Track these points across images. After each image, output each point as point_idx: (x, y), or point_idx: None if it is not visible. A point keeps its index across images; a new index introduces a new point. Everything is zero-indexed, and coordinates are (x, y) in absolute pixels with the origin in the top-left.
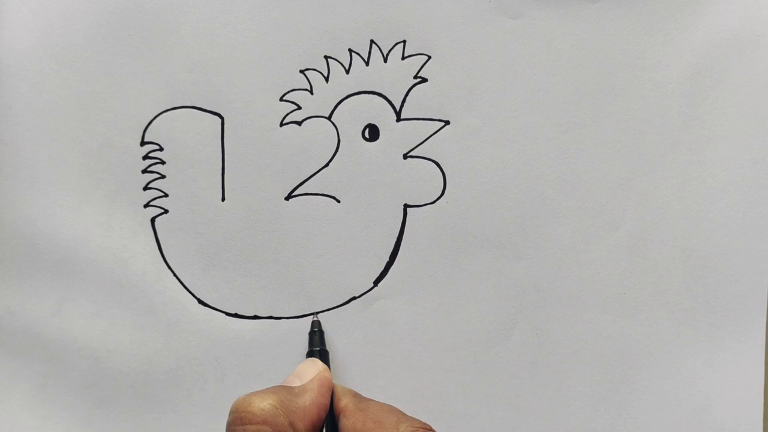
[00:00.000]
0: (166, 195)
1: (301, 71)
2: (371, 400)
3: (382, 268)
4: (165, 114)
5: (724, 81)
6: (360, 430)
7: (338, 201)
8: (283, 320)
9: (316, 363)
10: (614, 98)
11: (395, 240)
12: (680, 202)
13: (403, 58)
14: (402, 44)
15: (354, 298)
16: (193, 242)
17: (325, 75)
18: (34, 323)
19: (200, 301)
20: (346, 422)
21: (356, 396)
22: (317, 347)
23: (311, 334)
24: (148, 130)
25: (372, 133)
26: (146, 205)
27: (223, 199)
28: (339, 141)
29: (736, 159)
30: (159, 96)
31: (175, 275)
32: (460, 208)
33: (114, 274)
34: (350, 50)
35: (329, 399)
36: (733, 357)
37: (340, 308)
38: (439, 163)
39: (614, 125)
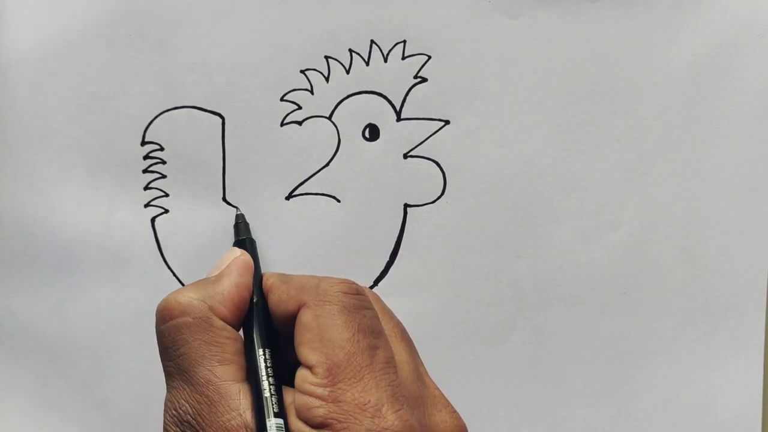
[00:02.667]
0: (166, 195)
1: (302, 71)
2: (296, 275)
3: (382, 268)
4: (165, 114)
5: (724, 81)
6: (285, 299)
7: (338, 201)
8: None
9: (234, 250)
10: (614, 98)
11: (395, 240)
12: (680, 202)
13: (403, 58)
14: (402, 44)
15: None
16: (193, 242)
17: (326, 75)
18: (34, 323)
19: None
20: (273, 297)
21: (282, 274)
22: (242, 236)
23: (235, 226)
24: (148, 130)
25: (372, 132)
26: (146, 205)
27: (224, 198)
28: (339, 141)
29: (736, 159)
30: (159, 96)
31: (175, 275)
32: (460, 208)
33: (114, 274)
34: (350, 50)
35: (250, 279)
36: (732, 357)
37: None
38: (439, 162)
39: (614, 125)
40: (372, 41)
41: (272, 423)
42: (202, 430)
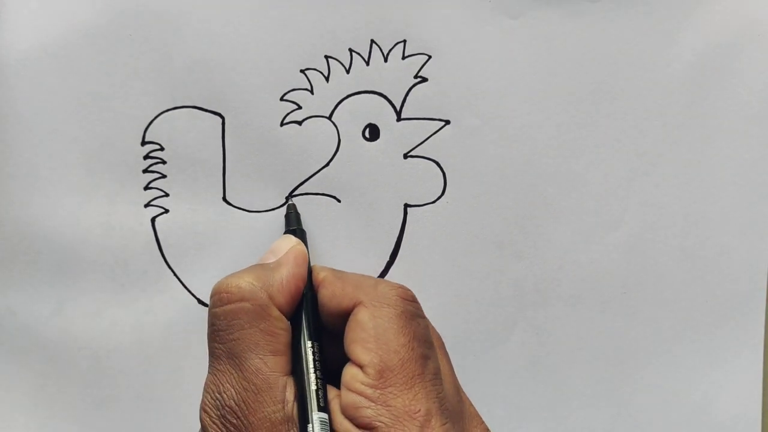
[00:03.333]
0: (166, 195)
1: (302, 71)
2: (350, 272)
3: (382, 268)
4: (165, 114)
5: (724, 81)
6: (339, 295)
7: (338, 201)
8: None
9: (290, 238)
10: (614, 98)
11: (395, 240)
12: (680, 202)
13: (404, 57)
14: (402, 44)
15: None
16: (193, 242)
17: (326, 75)
18: (34, 323)
19: (200, 301)
20: (325, 292)
21: (334, 270)
22: (293, 227)
23: (287, 216)
24: (148, 130)
25: (372, 132)
26: (146, 205)
27: (224, 198)
28: (339, 141)
29: (736, 159)
30: (159, 96)
31: (175, 275)
32: (460, 208)
33: (114, 274)
34: (350, 50)
35: (306, 270)
36: (732, 357)
37: None
38: (440, 162)
39: (614, 125)
40: (372, 41)
41: (317, 417)
42: (245, 418)
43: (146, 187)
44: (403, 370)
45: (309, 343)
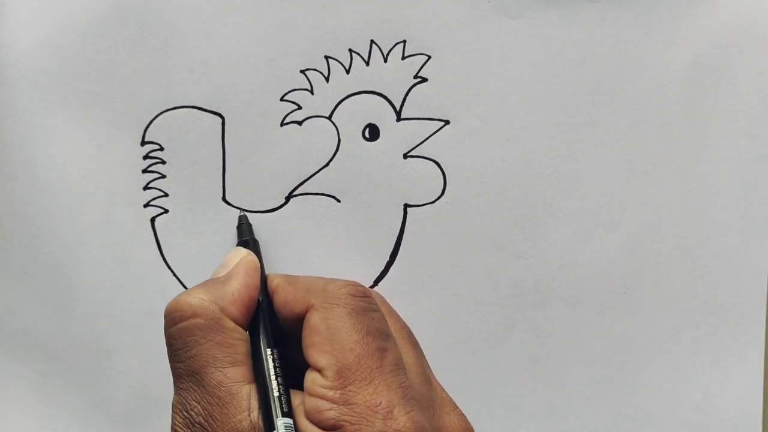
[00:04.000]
0: (166, 195)
1: (302, 71)
2: (301, 276)
3: (382, 268)
4: (165, 114)
5: (724, 81)
6: (291, 300)
7: (338, 201)
8: None
9: (240, 250)
10: (614, 98)
11: (395, 240)
12: (680, 202)
13: (403, 58)
14: (402, 44)
15: None
16: (193, 242)
17: (326, 75)
18: (34, 323)
19: None
20: (278, 298)
21: (287, 275)
22: (245, 237)
23: (238, 227)
24: (148, 130)
25: (372, 132)
26: (146, 205)
27: (224, 198)
28: (339, 141)
29: (736, 159)
30: (159, 96)
31: (175, 275)
32: (460, 208)
33: (114, 274)
34: (350, 50)
35: (257, 279)
36: (733, 357)
37: None
38: (439, 162)
39: (614, 125)
40: (372, 41)
41: (281, 423)
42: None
43: (146, 187)
44: (361, 367)
45: (268, 351)
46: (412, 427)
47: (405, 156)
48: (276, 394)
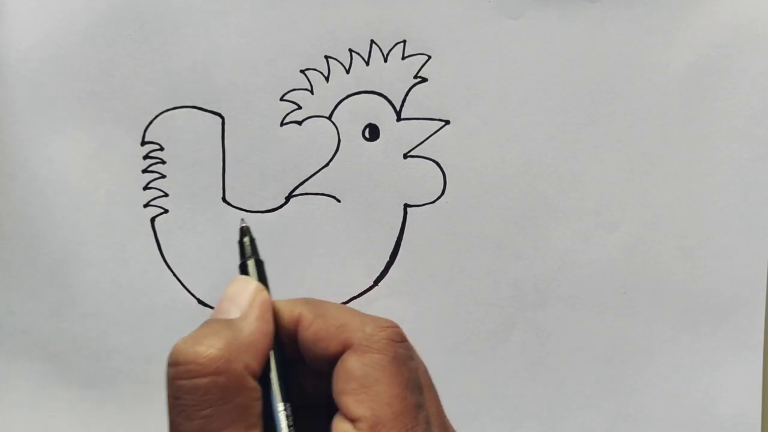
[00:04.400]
0: (166, 195)
1: (302, 71)
2: (324, 301)
3: (382, 268)
4: (165, 114)
5: (724, 81)
6: (324, 338)
7: (338, 201)
8: None
9: (248, 281)
10: (614, 98)
11: (395, 240)
12: (680, 202)
13: (403, 58)
14: (402, 44)
15: (354, 297)
16: (193, 242)
17: (326, 75)
18: (34, 323)
19: (200, 301)
20: (305, 333)
21: (308, 301)
22: (250, 256)
23: (241, 243)
24: (148, 130)
25: (372, 132)
26: (146, 205)
27: (224, 198)
28: (339, 141)
29: (736, 158)
30: (159, 96)
31: (175, 275)
32: (460, 208)
33: (114, 274)
34: (350, 50)
35: (273, 324)
36: (732, 357)
37: None
38: (439, 162)
39: (614, 125)
40: (372, 41)
41: None
42: None
43: (146, 187)
44: (397, 424)
45: (280, 406)
46: None
47: (405, 156)
48: None
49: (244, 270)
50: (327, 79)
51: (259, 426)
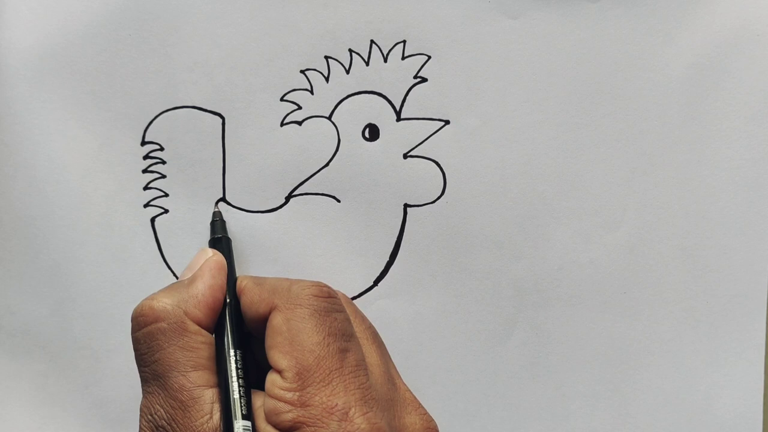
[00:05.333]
0: (166, 195)
1: (302, 71)
2: (271, 277)
3: (382, 268)
4: (165, 114)
5: (724, 81)
6: (257, 302)
7: (338, 201)
8: None
9: (206, 251)
10: (614, 98)
11: (395, 240)
12: (680, 201)
13: (403, 58)
14: (402, 44)
15: (354, 297)
16: (193, 242)
17: (326, 75)
18: (34, 323)
19: None
20: (245, 299)
21: (256, 277)
22: (218, 235)
23: (212, 223)
24: (148, 130)
25: (372, 132)
26: (146, 205)
27: (224, 198)
28: (339, 141)
29: (736, 159)
30: (159, 96)
31: (175, 275)
32: (460, 208)
33: (114, 274)
34: (350, 50)
35: (223, 280)
36: (733, 357)
37: None
38: (439, 162)
39: (614, 125)
40: (372, 41)
41: (240, 425)
42: None
43: (146, 187)
44: (320, 368)
45: (232, 352)
46: (368, 429)
47: (405, 156)
48: (236, 396)
49: (211, 246)
50: (327, 79)
51: (209, 368)
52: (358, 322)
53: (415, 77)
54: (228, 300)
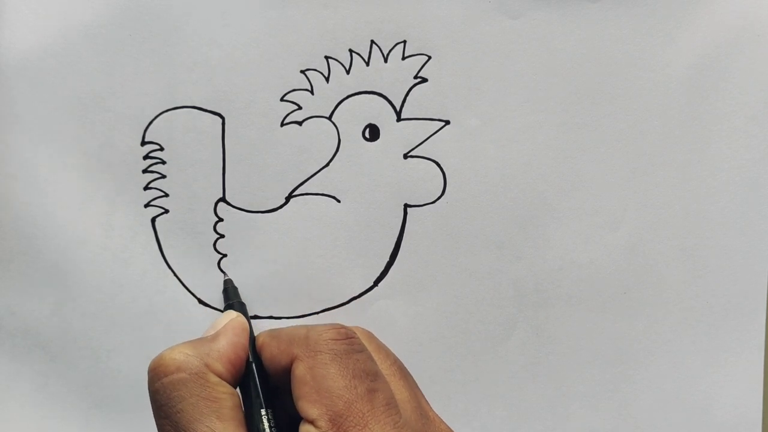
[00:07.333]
0: (166, 195)
1: (302, 71)
2: (284, 327)
3: (382, 268)
4: (165, 114)
5: (724, 81)
6: (277, 354)
7: (338, 201)
8: (283, 320)
9: (230, 313)
10: (614, 98)
11: (395, 240)
12: (680, 201)
13: (404, 58)
14: (402, 44)
15: (354, 298)
16: (193, 242)
17: (326, 75)
18: (34, 323)
19: (200, 301)
20: (265, 354)
21: (271, 330)
22: (232, 300)
23: (224, 291)
24: (148, 130)
25: (372, 133)
26: (146, 205)
27: (224, 199)
28: (339, 141)
29: (736, 159)
30: (159, 96)
31: (175, 275)
32: (460, 208)
33: (114, 274)
34: (350, 50)
35: (246, 339)
36: (733, 357)
37: (340, 308)
38: (439, 163)
39: (614, 125)
40: (372, 41)
41: None
42: None
43: (146, 187)
44: (351, 412)
45: (262, 411)
46: None
47: (405, 156)
48: None
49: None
50: (327, 79)
51: (234, 420)
52: (382, 358)
53: (416, 77)
54: (251, 359)
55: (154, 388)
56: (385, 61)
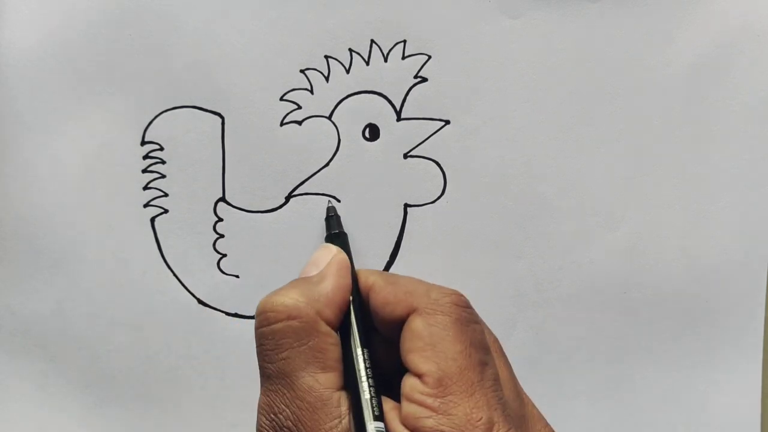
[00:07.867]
0: (166, 195)
1: (302, 71)
2: (395, 273)
3: (382, 268)
4: (165, 114)
5: (724, 81)
6: (392, 302)
7: (338, 201)
8: None
9: (330, 247)
10: (614, 98)
11: (395, 240)
12: (680, 202)
13: (404, 57)
14: (402, 44)
15: None
16: (193, 242)
17: (326, 75)
18: (34, 323)
19: (200, 301)
20: (376, 297)
21: (384, 274)
22: (335, 230)
23: (327, 219)
24: (148, 130)
25: (372, 132)
26: (146, 205)
27: (224, 198)
28: (339, 141)
29: (736, 159)
30: (159, 96)
31: (175, 275)
32: (460, 207)
33: (114, 274)
34: (350, 50)
35: (350, 279)
36: (732, 357)
37: None
38: (439, 162)
39: (614, 125)
40: (372, 41)
41: (372, 426)
42: None
43: (146, 187)
44: (462, 378)
45: (359, 350)
46: None
47: (405, 156)
48: (367, 396)
49: (329, 241)
50: (327, 79)
51: (337, 370)
52: (488, 335)
53: (416, 77)
54: (353, 298)
55: (261, 332)
56: (385, 60)
